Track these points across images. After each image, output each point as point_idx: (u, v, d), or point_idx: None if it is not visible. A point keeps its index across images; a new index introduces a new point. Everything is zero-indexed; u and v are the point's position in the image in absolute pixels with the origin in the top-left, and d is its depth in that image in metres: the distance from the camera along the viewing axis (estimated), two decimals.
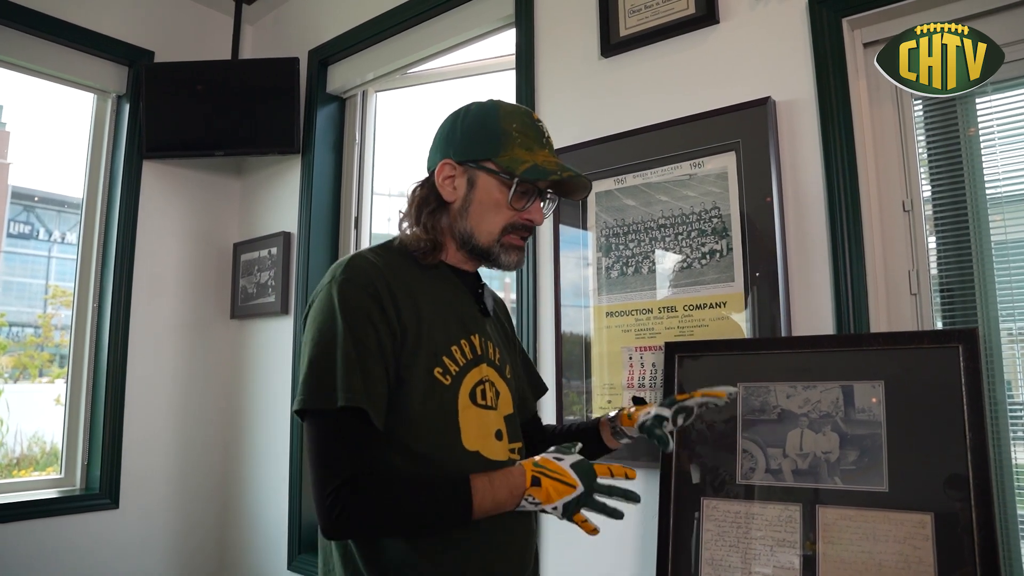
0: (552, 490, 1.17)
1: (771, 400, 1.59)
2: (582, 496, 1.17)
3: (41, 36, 2.92)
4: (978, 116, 1.70)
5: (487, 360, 1.33)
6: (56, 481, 2.98)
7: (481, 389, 1.29)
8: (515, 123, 1.32)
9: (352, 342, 1.15)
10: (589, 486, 1.18)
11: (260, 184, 3.46)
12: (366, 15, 3.00)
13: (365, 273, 1.21)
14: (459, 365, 1.27)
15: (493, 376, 1.34)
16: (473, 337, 1.32)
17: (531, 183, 1.30)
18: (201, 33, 3.44)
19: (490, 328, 1.41)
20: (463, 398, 1.26)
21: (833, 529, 1.45)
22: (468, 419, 1.26)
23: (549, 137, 1.36)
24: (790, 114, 1.82)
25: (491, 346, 1.36)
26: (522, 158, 1.29)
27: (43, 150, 3.50)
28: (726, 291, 1.83)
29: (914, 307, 1.70)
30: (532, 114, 1.36)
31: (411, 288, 1.26)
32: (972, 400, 1.37)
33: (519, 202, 1.31)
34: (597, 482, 1.19)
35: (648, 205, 2.00)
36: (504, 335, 1.51)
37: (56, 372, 3.31)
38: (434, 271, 1.34)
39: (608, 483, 1.20)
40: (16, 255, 3.67)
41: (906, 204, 1.73)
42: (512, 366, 1.46)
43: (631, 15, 2.12)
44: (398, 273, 1.27)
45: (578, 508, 1.18)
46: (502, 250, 1.33)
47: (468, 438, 1.25)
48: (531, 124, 1.33)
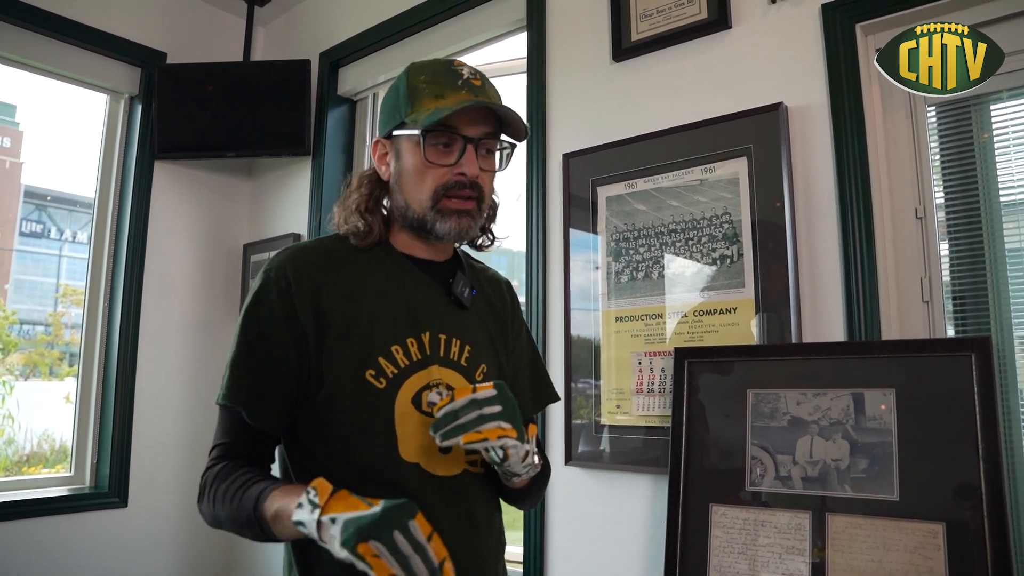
0: (341, 499, 0.94)
1: (781, 407, 1.59)
2: (377, 522, 0.88)
3: (55, 37, 2.94)
4: (992, 122, 1.69)
5: (441, 360, 1.20)
6: (66, 479, 2.99)
7: (428, 394, 1.16)
8: (423, 75, 1.19)
9: (246, 342, 1.13)
10: (394, 518, 0.89)
11: (270, 185, 3.47)
12: (377, 18, 3.00)
13: (283, 268, 1.14)
14: (399, 367, 1.15)
15: (451, 378, 1.20)
16: (424, 335, 1.19)
17: (446, 131, 1.15)
18: (213, 35, 3.46)
19: (467, 323, 1.27)
20: (402, 404, 1.13)
21: (842, 537, 1.44)
22: (407, 427, 1.13)
23: (471, 76, 1.18)
24: (802, 120, 1.81)
25: (456, 344, 1.23)
26: (427, 107, 1.15)
27: (56, 150, 3.53)
28: (736, 297, 1.82)
29: (926, 314, 1.69)
30: (452, 62, 1.21)
31: (350, 281, 1.18)
32: (985, 409, 1.35)
33: (439, 156, 1.16)
34: (408, 525, 0.89)
35: (659, 210, 1.99)
36: (499, 332, 1.35)
37: (66, 370, 3.33)
38: (388, 262, 1.23)
39: (420, 541, 0.89)
40: (28, 254, 3.70)
41: (919, 211, 1.72)
42: (496, 368, 1.31)
43: (643, 20, 2.12)
44: (339, 264, 1.19)
45: (366, 536, 0.87)
46: (437, 217, 1.17)
47: (406, 448, 1.12)
48: (443, 71, 1.18)
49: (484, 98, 1.16)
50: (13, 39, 2.85)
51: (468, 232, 1.20)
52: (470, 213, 1.19)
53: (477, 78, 1.19)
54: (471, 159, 1.17)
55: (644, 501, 1.91)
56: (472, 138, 1.16)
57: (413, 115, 1.16)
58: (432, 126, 1.14)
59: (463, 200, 1.18)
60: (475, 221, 1.21)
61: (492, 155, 1.23)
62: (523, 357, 1.42)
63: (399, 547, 0.87)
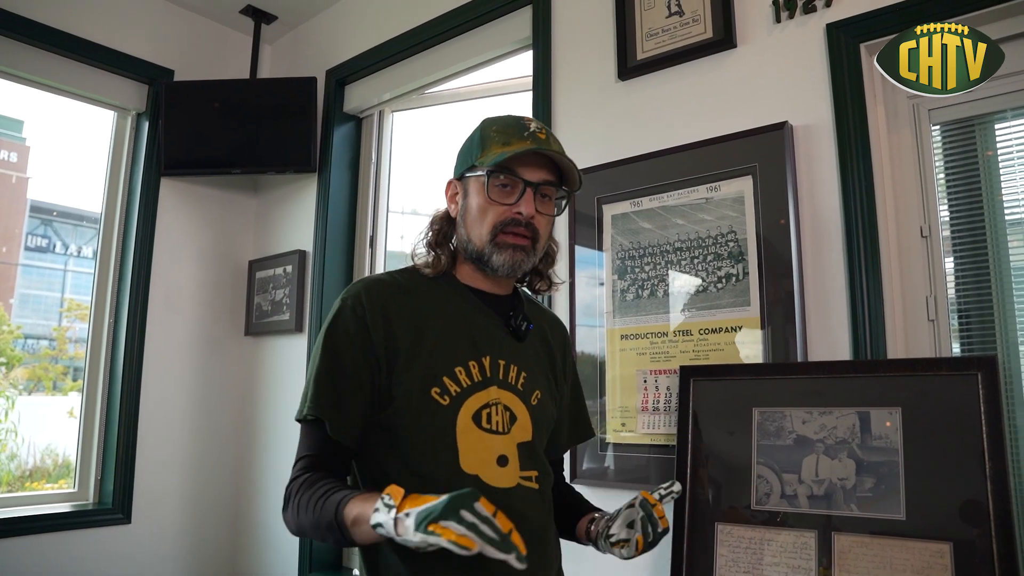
0: (412, 499, 1.01)
1: (787, 425, 1.58)
2: (445, 506, 0.95)
3: (63, 55, 2.97)
4: (997, 140, 1.70)
5: (500, 383, 1.31)
6: (69, 495, 2.99)
7: (487, 412, 1.27)
8: (495, 126, 1.32)
9: (326, 362, 1.23)
10: (460, 501, 0.95)
11: (276, 202, 3.48)
12: (384, 36, 3.03)
13: (358, 297, 1.27)
14: (461, 387, 1.26)
15: (509, 400, 1.31)
16: (484, 359, 1.30)
17: (509, 173, 1.28)
18: (220, 52, 3.48)
19: (523, 353, 1.38)
20: (463, 420, 1.25)
21: (848, 557, 1.43)
22: (468, 442, 1.24)
23: (538, 130, 1.31)
24: (807, 139, 1.82)
25: (514, 370, 1.34)
26: (495, 151, 1.28)
27: (62, 165, 3.54)
28: (742, 315, 1.82)
29: (932, 333, 1.69)
30: (523, 117, 1.34)
31: (419, 308, 1.30)
32: (992, 429, 1.35)
33: (501, 196, 1.29)
34: (474, 505, 0.95)
35: (664, 228, 2.00)
36: (551, 364, 1.47)
37: (69, 385, 3.33)
38: (452, 292, 1.35)
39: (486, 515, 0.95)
40: (33, 268, 3.70)
41: (924, 229, 1.72)
42: (550, 396, 1.43)
43: (648, 39, 2.13)
44: (409, 294, 1.31)
45: (435, 518, 0.94)
46: (495, 250, 1.30)
47: (467, 461, 1.23)
48: (513, 123, 1.32)
49: (546, 148, 1.28)
50: (22, 56, 2.88)
51: (521, 266, 1.31)
52: (524, 249, 1.31)
53: (543, 132, 1.31)
54: (529, 200, 1.28)
55: None
56: (531, 182, 1.29)
57: (482, 159, 1.29)
58: (496, 167, 1.27)
59: (518, 237, 1.29)
60: (528, 257, 1.32)
61: (550, 201, 1.34)
62: (568, 396, 1.54)
63: (466, 519, 0.94)
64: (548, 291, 1.47)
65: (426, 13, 2.86)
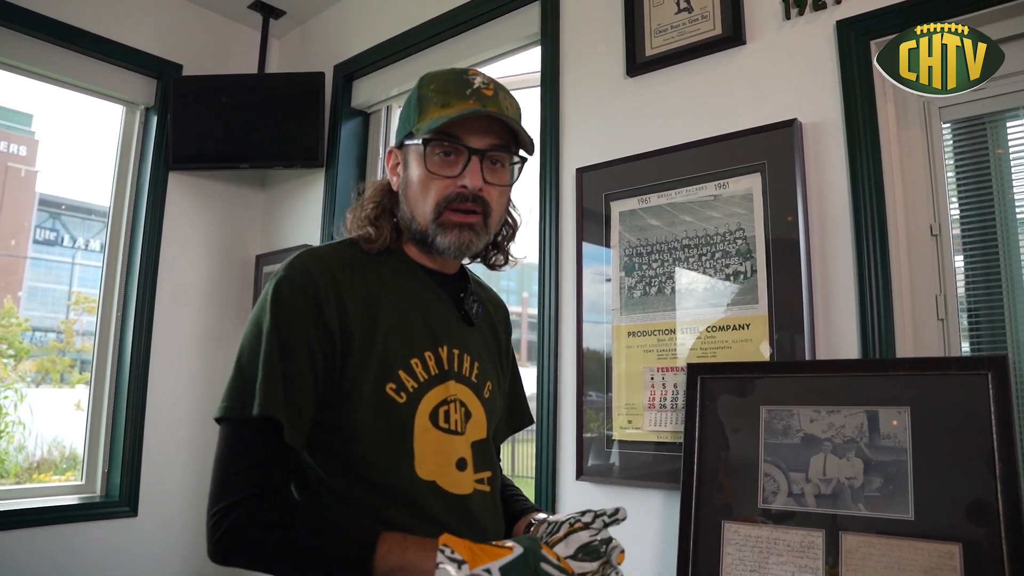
0: (478, 550, 0.94)
1: (794, 424, 1.58)
2: (528, 556, 0.93)
3: (72, 49, 2.97)
4: (1008, 138, 1.69)
5: (456, 376, 1.17)
6: (76, 487, 3.00)
7: (445, 410, 1.13)
8: (434, 84, 1.15)
9: (278, 347, 1.04)
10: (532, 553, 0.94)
11: (283, 197, 3.49)
12: (392, 31, 3.02)
13: (307, 271, 1.08)
14: (419, 381, 1.11)
15: (464, 395, 1.18)
16: (441, 349, 1.16)
17: (450, 140, 1.11)
18: (228, 47, 3.48)
19: (473, 339, 1.24)
20: (421, 419, 1.10)
21: (856, 556, 1.43)
22: (425, 444, 1.10)
23: (483, 86, 1.13)
24: (816, 136, 1.81)
25: (467, 360, 1.20)
26: (432, 115, 1.11)
27: (70, 159, 3.55)
28: (750, 313, 1.82)
29: (941, 331, 1.68)
30: (466, 71, 1.16)
31: (371, 290, 1.13)
32: (1002, 429, 1.34)
33: (442, 167, 1.12)
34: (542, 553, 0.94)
35: (672, 225, 1.99)
36: (497, 349, 1.34)
37: (77, 377, 3.34)
38: (402, 269, 1.19)
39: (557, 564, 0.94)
40: (41, 261, 3.72)
41: (933, 228, 1.71)
42: (498, 387, 1.30)
43: (657, 35, 2.12)
44: (357, 272, 1.13)
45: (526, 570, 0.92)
46: (439, 231, 1.13)
47: (422, 466, 1.09)
48: (454, 79, 1.14)
49: (494, 108, 1.11)
50: (31, 51, 2.88)
51: (469, 247, 1.15)
52: (472, 227, 1.14)
53: (489, 88, 1.14)
54: (474, 171, 1.11)
55: (655, 517, 1.90)
56: (476, 149, 1.12)
57: (419, 124, 1.13)
58: (433, 135, 1.10)
59: (465, 214, 1.13)
60: (478, 236, 1.15)
61: (502, 168, 1.18)
62: (508, 380, 1.40)
63: (544, 571, 0.92)
64: (504, 266, 1.31)
65: (434, 8, 2.85)
